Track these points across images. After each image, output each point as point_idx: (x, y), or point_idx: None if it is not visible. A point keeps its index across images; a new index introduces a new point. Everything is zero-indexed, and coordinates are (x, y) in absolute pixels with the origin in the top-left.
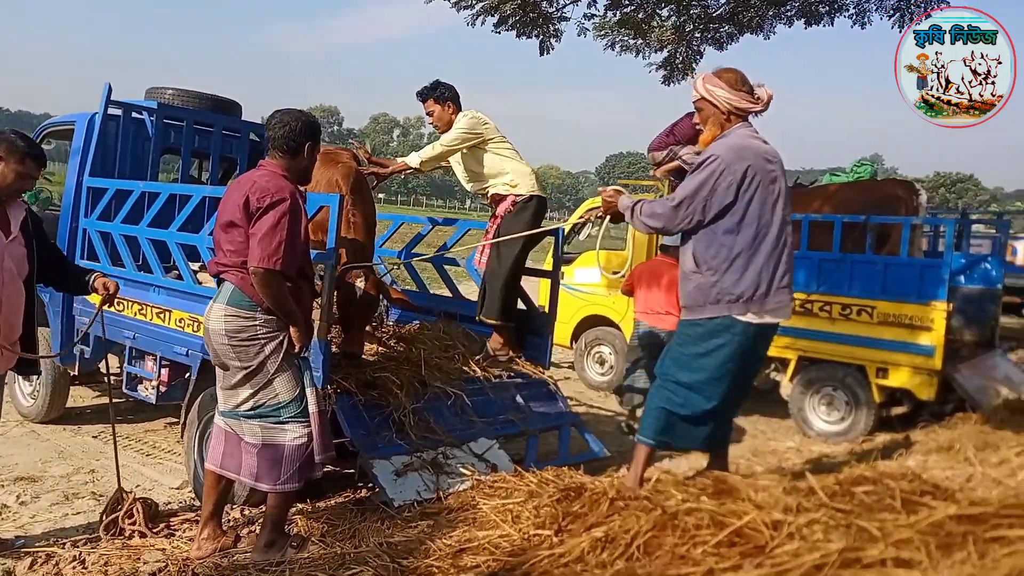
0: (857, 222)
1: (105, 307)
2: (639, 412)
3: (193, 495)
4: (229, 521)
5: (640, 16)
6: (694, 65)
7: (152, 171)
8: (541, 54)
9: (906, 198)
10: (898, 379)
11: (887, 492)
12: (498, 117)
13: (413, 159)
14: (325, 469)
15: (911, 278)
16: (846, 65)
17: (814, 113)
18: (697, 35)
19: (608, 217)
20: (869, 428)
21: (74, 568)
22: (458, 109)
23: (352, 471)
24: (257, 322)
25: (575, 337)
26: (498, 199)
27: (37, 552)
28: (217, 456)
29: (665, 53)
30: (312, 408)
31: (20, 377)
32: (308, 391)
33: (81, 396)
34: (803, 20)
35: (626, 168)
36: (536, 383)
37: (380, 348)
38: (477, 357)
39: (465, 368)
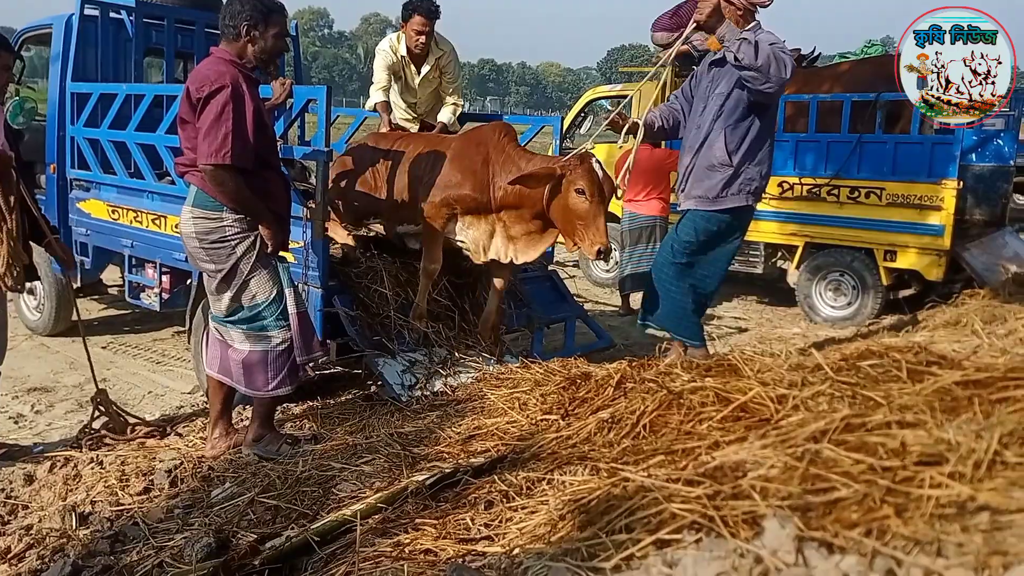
0: (868, 100)
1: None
2: (633, 298)
3: (205, 399)
4: (243, 420)
5: None
6: None
7: (136, 73)
8: None
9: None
10: (906, 261)
11: (893, 364)
12: (494, 12)
13: (447, 116)
14: (333, 370)
15: (921, 156)
16: None
17: None
18: None
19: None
20: (876, 311)
21: (92, 469)
22: None
23: (359, 371)
24: (225, 223)
25: None
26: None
27: (56, 456)
28: (214, 362)
29: None
30: (292, 310)
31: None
32: (287, 292)
33: (87, 308)
34: None
35: (629, 62)
36: (540, 278)
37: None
38: None
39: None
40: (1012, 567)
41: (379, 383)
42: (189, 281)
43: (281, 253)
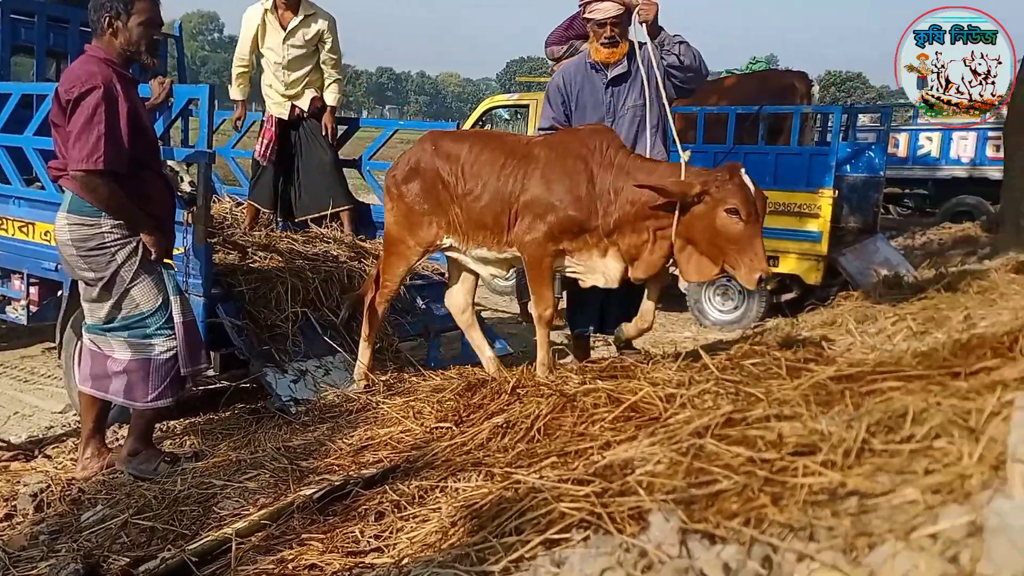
0: (750, 113)
1: None
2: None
3: (77, 419)
4: (117, 440)
5: None
6: None
7: (2, 72)
8: None
9: (801, 89)
10: (787, 266)
11: (774, 362)
12: (394, 20)
13: (333, 97)
14: (221, 384)
15: (800, 167)
16: None
17: (706, 15)
18: None
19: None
20: (761, 315)
21: None
22: None
23: (246, 384)
24: (103, 229)
25: None
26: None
27: None
28: (87, 376)
29: None
30: (177, 319)
31: None
32: (173, 299)
33: None
34: None
35: (528, 74)
36: (437, 285)
37: (263, 260)
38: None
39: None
40: (876, 547)
41: (267, 395)
42: (60, 292)
43: (165, 260)
